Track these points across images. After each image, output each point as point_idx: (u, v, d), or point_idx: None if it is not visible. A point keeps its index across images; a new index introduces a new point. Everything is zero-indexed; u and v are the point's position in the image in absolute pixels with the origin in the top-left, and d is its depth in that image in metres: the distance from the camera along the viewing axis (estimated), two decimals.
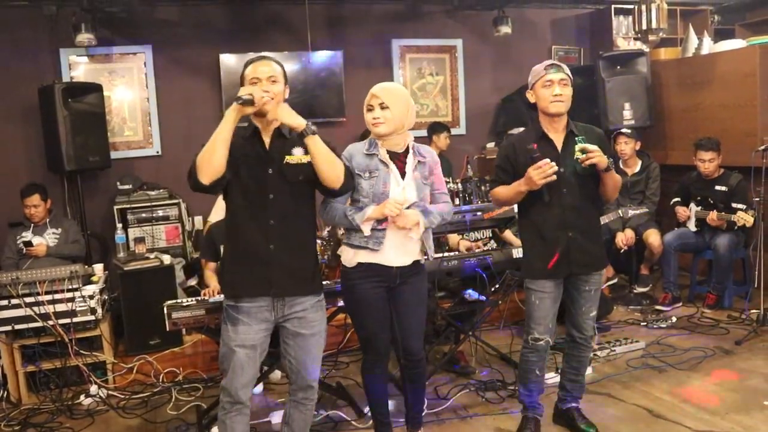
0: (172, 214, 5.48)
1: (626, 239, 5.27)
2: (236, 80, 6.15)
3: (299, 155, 2.62)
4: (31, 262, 4.62)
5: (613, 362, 4.23)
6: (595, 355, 4.21)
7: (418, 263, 3.01)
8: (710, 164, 5.11)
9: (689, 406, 3.56)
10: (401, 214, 2.82)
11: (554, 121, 3.04)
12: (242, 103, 2.48)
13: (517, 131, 4.53)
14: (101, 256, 5.52)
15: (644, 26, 5.74)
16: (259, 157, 2.63)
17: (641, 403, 3.63)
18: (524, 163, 2.99)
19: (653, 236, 5.37)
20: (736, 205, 4.96)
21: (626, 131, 5.58)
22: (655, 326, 4.86)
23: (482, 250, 4.17)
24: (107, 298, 4.46)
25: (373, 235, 2.87)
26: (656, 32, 5.77)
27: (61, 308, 4.06)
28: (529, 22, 7.06)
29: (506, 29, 6.40)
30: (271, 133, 2.66)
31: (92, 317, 4.14)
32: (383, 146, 2.93)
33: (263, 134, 2.66)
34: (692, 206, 5.30)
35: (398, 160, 2.94)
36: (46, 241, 4.77)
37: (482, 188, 5.30)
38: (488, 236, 4.98)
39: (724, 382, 3.84)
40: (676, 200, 5.44)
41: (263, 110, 2.55)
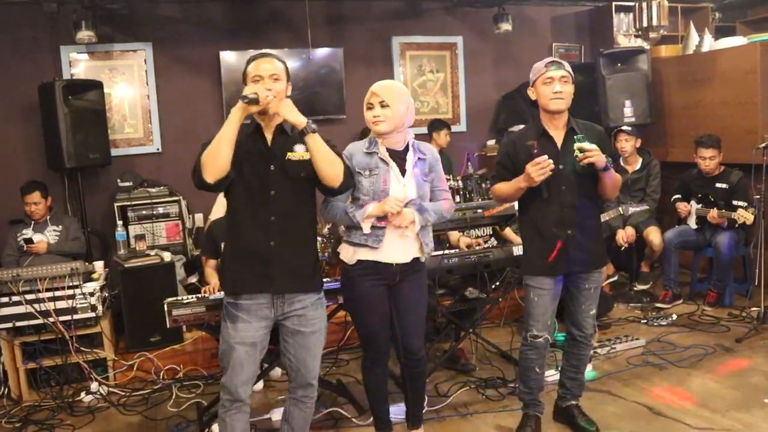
0: (172, 211, 5.47)
1: (627, 237, 5.27)
2: (236, 77, 6.14)
3: (301, 152, 2.62)
4: (31, 259, 4.61)
5: (613, 360, 4.23)
6: (595, 352, 4.21)
7: (418, 261, 3.01)
8: (711, 162, 5.11)
9: (690, 403, 3.56)
10: (399, 212, 2.83)
11: (555, 118, 3.05)
12: (248, 102, 2.48)
13: (517, 128, 4.53)
14: (102, 253, 5.52)
15: (645, 23, 5.73)
16: (261, 153, 2.63)
17: (641, 400, 3.63)
18: (524, 160, 2.98)
19: (654, 234, 5.37)
20: (736, 202, 4.95)
21: (627, 129, 5.57)
22: (655, 324, 4.86)
23: (483, 247, 4.17)
24: (108, 295, 4.46)
25: (372, 232, 2.87)
26: (657, 29, 5.76)
27: (61, 305, 4.06)
28: (529, 19, 7.05)
29: (506, 26, 6.39)
30: (273, 129, 2.66)
31: (93, 314, 4.14)
32: (383, 144, 2.92)
33: (265, 131, 2.66)
34: (693, 204, 5.30)
35: (398, 157, 2.93)
36: (46, 238, 4.77)
37: (483, 185, 5.30)
38: (489, 234, 4.98)
39: (724, 379, 3.85)
40: (676, 197, 5.43)
41: (266, 109, 2.56)
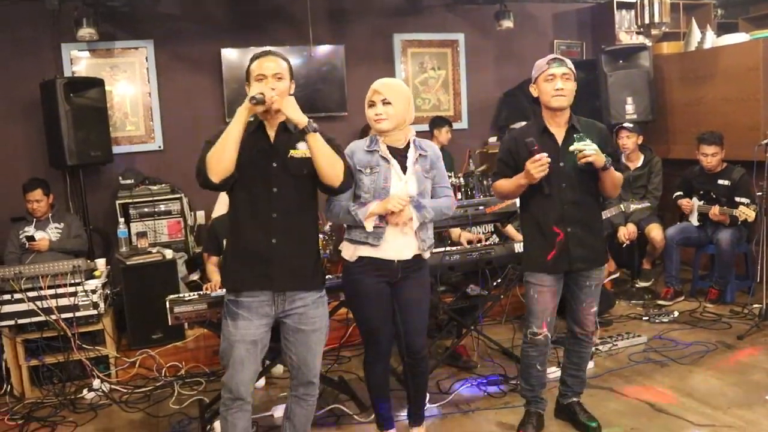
0: (174, 208, 5.47)
1: (628, 234, 5.27)
2: (238, 74, 6.13)
3: (303, 150, 2.62)
4: (33, 256, 4.62)
5: (614, 356, 4.23)
6: (597, 349, 4.21)
7: (420, 258, 3.00)
8: (713, 158, 5.10)
9: (691, 400, 3.56)
10: (402, 210, 2.82)
11: (556, 115, 3.05)
12: (255, 103, 2.49)
13: (519, 125, 4.53)
14: (103, 250, 5.53)
15: (647, 20, 5.72)
16: (263, 150, 2.63)
17: (643, 397, 3.63)
18: (525, 157, 2.98)
19: (655, 231, 5.36)
20: (739, 199, 4.95)
21: (628, 126, 5.57)
22: (657, 321, 4.86)
23: (484, 244, 4.17)
24: (110, 292, 4.46)
25: (374, 231, 2.87)
26: (659, 26, 5.75)
27: (63, 303, 4.07)
28: (530, 16, 7.03)
29: (508, 23, 6.38)
30: (276, 127, 2.66)
31: (95, 311, 4.15)
32: (384, 142, 2.92)
33: (268, 128, 2.66)
34: (695, 200, 5.29)
35: (400, 155, 2.93)
36: (48, 235, 4.77)
37: (484, 182, 5.30)
38: (490, 231, 4.99)
39: (726, 376, 3.84)
40: (678, 194, 5.42)
41: (270, 107, 2.56)
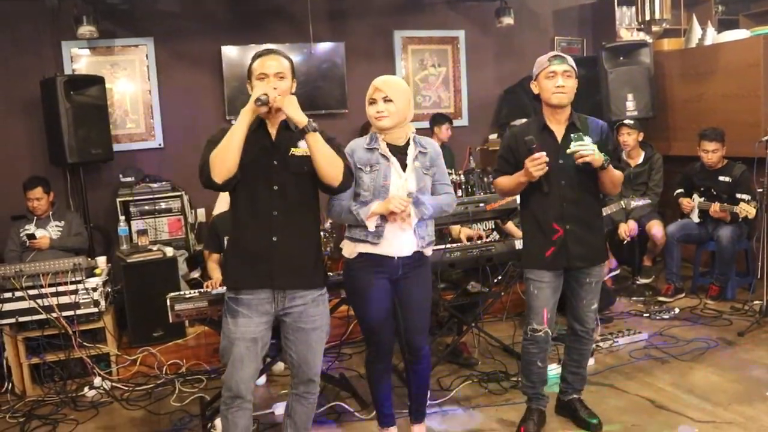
0: (174, 206, 5.47)
1: (629, 230, 5.27)
2: (238, 72, 6.13)
3: (304, 148, 2.61)
4: (34, 254, 4.62)
5: (615, 353, 4.23)
6: (597, 346, 4.21)
7: (422, 256, 2.99)
8: (713, 155, 5.09)
9: (692, 397, 3.56)
10: (404, 210, 2.83)
11: (557, 112, 3.04)
12: (260, 104, 2.50)
13: (519, 122, 4.52)
14: (104, 248, 5.53)
15: (647, 17, 5.71)
16: (265, 148, 2.63)
17: (644, 394, 3.63)
18: (525, 154, 2.99)
19: (656, 227, 5.36)
20: (740, 195, 4.95)
21: (629, 122, 5.57)
22: (657, 317, 4.86)
23: (484, 241, 4.17)
24: (110, 290, 4.46)
25: (374, 229, 2.87)
26: (659, 23, 5.75)
27: (64, 300, 4.08)
28: (531, 12, 7.02)
29: (508, 20, 6.37)
30: (277, 125, 2.66)
31: (96, 309, 4.15)
32: (384, 140, 2.92)
33: (269, 126, 2.66)
34: (695, 197, 5.29)
35: (399, 153, 2.93)
36: (49, 233, 4.77)
37: (485, 179, 5.29)
38: (491, 228, 4.98)
39: (726, 373, 3.85)
40: (679, 191, 5.42)
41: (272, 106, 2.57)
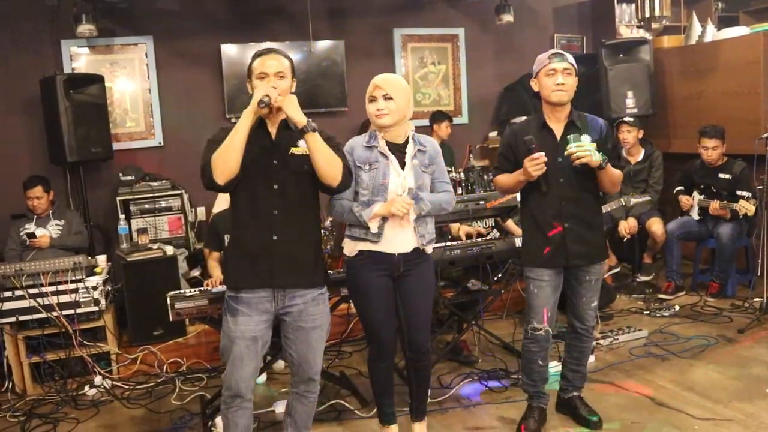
0: (174, 205, 5.47)
1: (629, 228, 5.27)
2: (238, 70, 6.13)
3: (304, 147, 2.61)
4: (34, 253, 4.62)
5: (615, 351, 4.23)
6: (597, 343, 4.21)
7: (422, 253, 2.99)
8: (713, 152, 5.09)
9: (692, 394, 3.57)
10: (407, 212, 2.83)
11: (556, 110, 3.04)
12: (263, 106, 2.50)
13: (519, 120, 4.51)
14: (104, 247, 5.52)
15: (647, 14, 5.71)
16: (265, 148, 2.63)
17: (644, 391, 3.64)
18: (524, 152, 2.99)
19: (656, 225, 5.37)
20: (740, 192, 4.94)
21: (629, 120, 5.56)
22: (657, 315, 4.86)
23: (484, 238, 4.17)
24: (110, 289, 4.47)
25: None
26: (659, 20, 5.74)
27: (64, 299, 4.08)
28: (531, 10, 7.01)
29: (508, 18, 6.36)
30: (277, 124, 2.66)
31: (96, 308, 4.15)
32: (384, 138, 2.92)
33: (269, 126, 2.66)
34: (695, 195, 5.29)
35: (398, 151, 2.93)
36: (49, 232, 4.77)
37: (485, 177, 5.30)
38: (491, 226, 4.98)
39: (726, 370, 3.85)
40: (679, 189, 5.42)
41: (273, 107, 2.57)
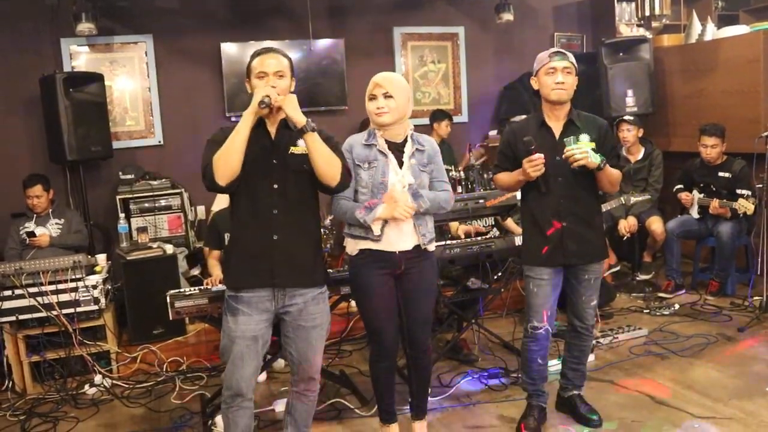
0: (174, 203, 5.47)
1: (629, 226, 5.27)
2: (237, 69, 6.13)
3: (303, 146, 2.61)
4: (34, 252, 4.62)
5: (615, 349, 4.23)
6: (597, 342, 4.22)
7: (424, 251, 2.98)
8: (712, 150, 5.09)
9: (692, 392, 3.57)
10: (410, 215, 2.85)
11: (556, 108, 3.04)
12: (264, 107, 2.50)
13: (518, 119, 4.52)
14: (104, 246, 5.52)
15: (647, 12, 5.71)
16: (264, 147, 2.63)
17: (644, 389, 3.64)
18: (522, 152, 2.99)
19: (656, 223, 5.37)
20: (740, 191, 4.94)
21: (629, 118, 5.56)
22: (657, 313, 4.86)
23: (484, 237, 4.17)
24: (110, 287, 4.47)
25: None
26: (659, 18, 5.75)
27: (64, 298, 4.08)
28: (531, 9, 7.01)
29: (508, 16, 6.35)
30: (276, 124, 2.66)
31: (96, 307, 4.15)
32: (383, 136, 2.92)
33: (269, 125, 2.66)
34: (695, 193, 5.28)
35: (397, 149, 2.93)
36: (49, 231, 4.77)
37: (485, 176, 5.30)
38: (491, 224, 4.98)
39: (726, 368, 3.85)
40: (678, 187, 5.42)
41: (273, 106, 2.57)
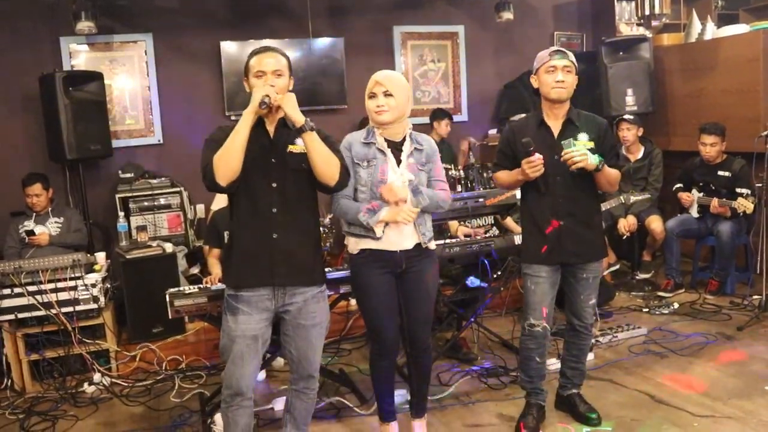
0: (174, 202, 5.47)
1: (628, 225, 5.27)
2: (237, 68, 6.13)
3: (302, 145, 2.61)
4: (33, 251, 4.62)
5: (615, 348, 4.23)
6: (597, 341, 4.22)
7: (425, 250, 2.98)
8: (712, 149, 5.08)
9: (691, 391, 3.57)
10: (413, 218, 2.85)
11: (555, 107, 3.04)
12: (264, 107, 2.50)
13: (518, 117, 4.52)
14: (103, 244, 5.52)
15: (647, 11, 5.71)
16: (263, 146, 2.62)
17: (643, 388, 3.64)
18: (521, 152, 2.99)
19: (656, 222, 5.37)
20: (739, 190, 4.94)
21: (629, 117, 5.56)
22: (657, 312, 4.86)
23: (483, 236, 4.17)
24: (110, 286, 4.46)
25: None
26: (659, 18, 5.74)
27: (63, 297, 4.07)
28: (531, 7, 7.01)
29: (508, 15, 6.35)
30: (275, 123, 2.66)
31: (95, 306, 4.15)
32: (382, 135, 2.92)
33: (267, 124, 2.65)
34: (695, 192, 5.28)
35: (396, 148, 2.93)
36: (48, 230, 4.77)
37: (484, 175, 5.30)
38: (490, 223, 4.98)
39: (725, 367, 3.85)
40: (678, 186, 5.42)
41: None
